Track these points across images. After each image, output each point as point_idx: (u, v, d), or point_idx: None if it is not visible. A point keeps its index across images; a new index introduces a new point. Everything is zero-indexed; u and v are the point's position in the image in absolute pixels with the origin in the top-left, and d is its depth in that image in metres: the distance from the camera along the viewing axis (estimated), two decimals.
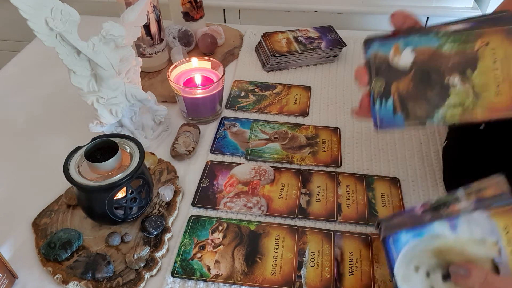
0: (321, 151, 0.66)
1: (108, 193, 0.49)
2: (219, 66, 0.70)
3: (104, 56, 0.55)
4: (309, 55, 0.83)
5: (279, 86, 0.80)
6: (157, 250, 0.52)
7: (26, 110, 0.75)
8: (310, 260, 0.52)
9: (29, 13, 0.48)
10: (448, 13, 0.99)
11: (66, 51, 0.53)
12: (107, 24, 0.54)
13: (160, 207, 0.57)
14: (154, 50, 0.78)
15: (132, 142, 0.53)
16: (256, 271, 0.51)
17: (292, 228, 0.55)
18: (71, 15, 0.50)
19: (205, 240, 0.54)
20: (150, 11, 0.73)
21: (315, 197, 0.59)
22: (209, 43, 0.83)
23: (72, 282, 0.48)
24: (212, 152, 0.66)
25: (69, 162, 0.50)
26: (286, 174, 0.62)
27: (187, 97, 0.68)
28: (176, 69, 0.70)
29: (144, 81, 0.77)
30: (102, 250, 0.52)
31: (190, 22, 0.85)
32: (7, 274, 0.48)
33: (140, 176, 0.52)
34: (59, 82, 0.76)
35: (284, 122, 0.71)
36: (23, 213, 0.57)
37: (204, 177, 0.62)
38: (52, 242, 0.51)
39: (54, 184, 0.58)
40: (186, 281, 0.50)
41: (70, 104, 0.73)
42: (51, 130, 0.71)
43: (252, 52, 0.89)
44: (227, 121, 0.72)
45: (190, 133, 0.66)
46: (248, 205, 0.58)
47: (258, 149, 0.66)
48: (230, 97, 0.77)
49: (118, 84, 0.58)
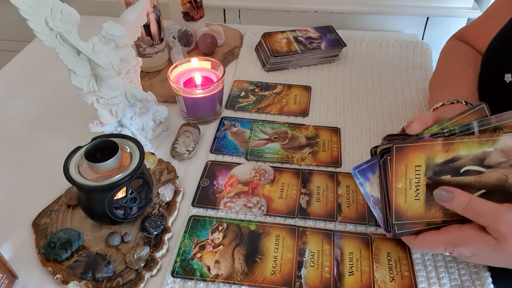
0: (321, 151, 0.66)
1: (108, 193, 0.49)
2: (219, 66, 0.70)
3: (104, 56, 0.55)
4: (309, 55, 0.83)
5: (279, 86, 0.80)
6: (157, 250, 0.52)
7: (26, 110, 0.75)
8: (310, 260, 0.52)
9: (29, 13, 0.48)
10: (448, 13, 0.99)
11: (66, 51, 0.53)
12: (107, 24, 0.54)
13: (160, 207, 0.57)
14: (154, 50, 0.78)
15: (132, 142, 0.53)
16: (256, 271, 0.51)
17: (292, 228, 0.55)
18: (71, 15, 0.50)
19: (205, 240, 0.54)
20: (150, 11, 0.73)
21: (315, 197, 0.59)
22: (209, 43, 0.83)
23: (72, 282, 0.48)
24: (212, 152, 0.66)
25: (69, 162, 0.50)
26: (286, 174, 0.62)
27: (187, 97, 0.68)
28: (176, 69, 0.70)
29: (144, 81, 0.77)
30: (102, 250, 0.52)
31: (190, 22, 0.85)
32: (7, 274, 0.48)
33: (140, 176, 0.52)
34: (59, 82, 0.76)
35: (284, 122, 0.71)
36: (23, 213, 0.57)
37: (204, 177, 0.62)
38: (52, 242, 0.51)
39: (54, 184, 0.58)
40: (186, 281, 0.50)
41: (70, 104, 0.73)
42: (51, 130, 0.71)
43: (252, 52, 0.89)
44: (227, 121, 0.72)
45: (190, 133, 0.66)
46: (248, 205, 0.58)
47: (258, 149, 0.66)
48: (230, 97, 0.77)
49: (118, 84, 0.58)
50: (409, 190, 0.44)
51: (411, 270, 0.50)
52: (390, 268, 0.51)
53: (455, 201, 0.42)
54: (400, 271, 0.50)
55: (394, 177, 0.44)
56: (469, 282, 0.49)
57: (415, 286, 0.49)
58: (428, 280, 0.49)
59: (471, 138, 0.43)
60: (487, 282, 0.49)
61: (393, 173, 0.44)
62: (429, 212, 0.45)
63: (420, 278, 0.50)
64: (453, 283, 0.49)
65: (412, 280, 0.49)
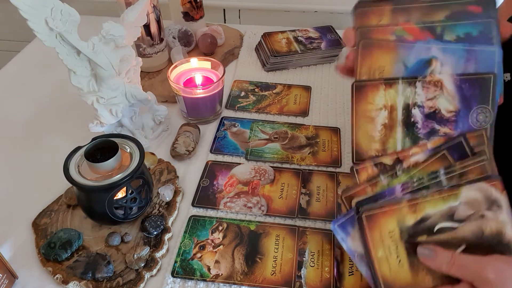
0: (321, 151, 0.66)
1: (108, 193, 0.49)
2: (219, 66, 0.70)
3: (104, 56, 0.55)
4: (309, 55, 0.83)
5: (279, 86, 0.80)
6: (157, 250, 0.52)
7: (26, 110, 0.75)
8: (310, 260, 0.52)
9: (29, 13, 0.48)
10: None
11: (66, 51, 0.53)
12: (107, 24, 0.54)
13: (160, 207, 0.57)
14: (154, 50, 0.78)
15: (132, 142, 0.53)
16: (256, 271, 0.51)
17: (292, 228, 0.55)
18: (71, 15, 0.50)
19: (205, 240, 0.54)
20: (150, 11, 0.73)
21: (315, 197, 0.59)
22: (209, 43, 0.83)
23: (72, 282, 0.48)
24: (212, 152, 0.66)
25: (69, 162, 0.50)
26: (286, 174, 0.62)
27: (187, 97, 0.68)
28: (176, 69, 0.70)
29: (144, 81, 0.77)
30: (102, 250, 0.52)
31: (190, 22, 0.85)
32: (7, 274, 0.48)
33: (140, 176, 0.52)
34: (59, 82, 0.76)
35: (284, 122, 0.71)
36: (23, 213, 0.57)
37: (204, 177, 0.62)
38: (52, 242, 0.51)
39: (54, 184, 0.58)
40: (186, 281, 0.50)
41: (70, 104, 0.73)
42: (51, 130, 0.71)
43: (252, 52, 0.89)
44: (227, 121, 0.72)
45: (190, 133, 0.66)
46: (248, 205, 0.58)
47: (258, 149, 0.66)
48: (230, 97, 0.77)
49: (118, 84, 0.58)
50: (390, 258, 0.43)
51: None
52: None
53: (438, 258, 0.41)
54: None
55: (373, 247, 0.43)
56: None
57: None
58: None
59: (433, 196, 0.42)
60: None
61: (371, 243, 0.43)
62: (417, 278, 0.43)
63: None
64: None
65: None
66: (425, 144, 0.45)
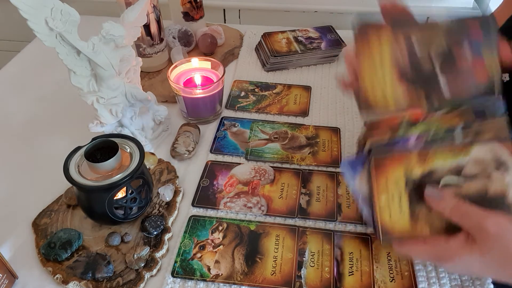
0: (321, 151, 0.66)
1: (108, 193, 0.49)
2: (219, 66, 0.70)
3: (104, 56, 0.55)
4: (309, 55, 0.83)
5: (279, 86, 0.80)
6: (157, 250, 0.52)
7: (26, 110, 0.75)
8: (310, 260, 0.52)
9: (29, 13, 0.48)
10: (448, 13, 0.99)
11: (66, 51, 0.53)
12: (107, 24, 0.54)
13: (160, 207, 0.57)
14: (154, 50, 0.78)
15: (132, 142, 0.53)
16: (256, 271, 0.51)
17: (292, 228, 0.55)
18: (71, 15, 0.50)
19: (205, 240, 0.54)
20: (150, 11, 0.73)
21: (315, 197, 0.59)
22: (209, 43, 0.83)
23: (72, 282, 0.48)
24: (212, 152, 0.66)
25: (69, 162, 0.50)
26: (286, 174, 0.62)
27: (187, 97, 0.68)
28: (176, 69, 0.70)
29: (144, 81, 0.77)
30: (102, 250, 0.52)
31: (190, 22, 0.85)
32: (7, 274, 0.48)
33: (140, 176, 0.52)
34: (59, 82, 0.76)
35: (284, 122, 0.71)
36: (23, 213, 0.57)
37: (204, 177, 0.62)
38: (52, 242, 0.51)
39: (54, 184, 0.58)
40: (186, 281, 0.50)
41: (70, 104, 0.73)
42: (51, 130, 0.71)
43: (252, 52, 0.89)
44: (227, 121, 0.72)
45: (190, 133, 0.66)
46: (248, 205, 0.58)
47: (258, 149, 0.66)
48: (230, 97, 0.77)
49: (118, 84, 0.58)
50: (392, 205, 0.44)
51: (411, 270, 0.50)
52: (390, 268, 0.51)
53: (444, 201, 0.42)
54: (400, 271, 0.50)
55: (377, 192, 0.43)
56: (469, 282, 0.49)
57: (415, 286, 0.49)
58: (428, 280, 0.49)
59: (444, 150, 0.43)
60: (487, 282, 0.49)
61: (376, 187, 0.43)
62: (415, 228, 0.44)
63: (420, 278, 0.50)
64: (453, 283, 0.49)
65: (412, 280, 0.49)
66: None
